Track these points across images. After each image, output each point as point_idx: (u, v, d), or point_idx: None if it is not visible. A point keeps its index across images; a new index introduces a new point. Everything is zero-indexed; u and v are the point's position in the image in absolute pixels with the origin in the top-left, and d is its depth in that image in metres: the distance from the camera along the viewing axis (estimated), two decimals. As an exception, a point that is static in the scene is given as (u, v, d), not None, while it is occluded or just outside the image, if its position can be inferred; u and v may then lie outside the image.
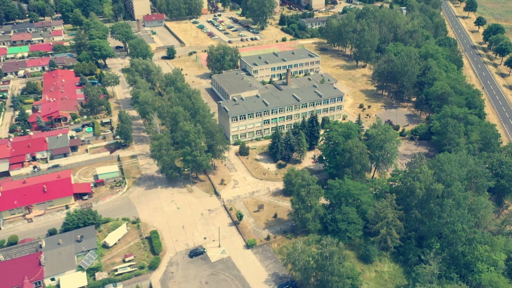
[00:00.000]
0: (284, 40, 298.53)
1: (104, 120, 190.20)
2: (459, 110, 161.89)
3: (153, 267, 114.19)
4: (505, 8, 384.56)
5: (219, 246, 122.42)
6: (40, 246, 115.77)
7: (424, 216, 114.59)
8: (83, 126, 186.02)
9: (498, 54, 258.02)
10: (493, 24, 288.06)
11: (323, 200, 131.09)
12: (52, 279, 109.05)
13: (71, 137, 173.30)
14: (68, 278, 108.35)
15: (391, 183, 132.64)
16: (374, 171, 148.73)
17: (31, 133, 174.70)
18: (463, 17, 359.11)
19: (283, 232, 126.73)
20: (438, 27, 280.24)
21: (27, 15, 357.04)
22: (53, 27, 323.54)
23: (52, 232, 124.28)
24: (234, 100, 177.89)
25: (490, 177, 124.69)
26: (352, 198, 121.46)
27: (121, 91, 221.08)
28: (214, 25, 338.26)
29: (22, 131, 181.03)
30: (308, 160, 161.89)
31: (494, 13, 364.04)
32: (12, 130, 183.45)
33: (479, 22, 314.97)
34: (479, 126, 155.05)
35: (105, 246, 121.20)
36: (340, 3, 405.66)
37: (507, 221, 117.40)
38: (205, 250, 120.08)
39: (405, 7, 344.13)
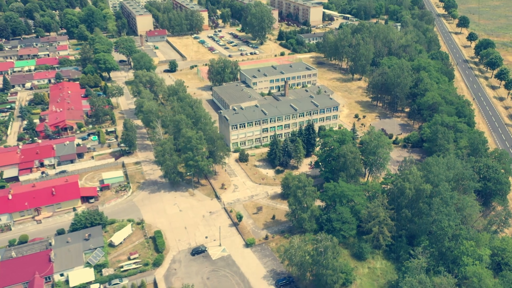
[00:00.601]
0: (282, 54, 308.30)
1: (109, 129, 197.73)
2: (449, 119, 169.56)
3: (157, 264, 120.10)
4: (496, 25, 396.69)
5: (220, 245, 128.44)
6: (50, 244, 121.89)
7: (414, 215, 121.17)
8: (88, 134, 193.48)
9: (488, 68, 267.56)
10: (484, 39, 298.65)
11: (319, 203, 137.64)
12: (61, 275, 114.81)
13: (78, 144, 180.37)
14: (76, 274, 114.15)
15: (383, 186, 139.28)
16: (368, 176, 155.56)
17: (39, 141, 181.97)
18: (456, 33, 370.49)
19: (280, 232, 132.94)
20: (431, 42, 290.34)
21: (33, 31, 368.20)
22: (59, 42, 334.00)
23: (60, 232, 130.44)
24: (234, 109, 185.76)
25: (477, 179, 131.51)
26: (346, 199, 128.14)
27: (125, 102, 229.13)
28: (214, 40, 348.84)
29: (30, 139, 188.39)
30: (305, 166, 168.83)
31: (486, 29, 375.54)
32: (20, 138, 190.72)
33: (471, 37, 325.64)
34: (468, 133, 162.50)
35: (111, 245, 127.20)
36: (337, 19, 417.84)
37: (492, 221, 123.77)
38: (206, 249, 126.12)
39: (399, 23, 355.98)
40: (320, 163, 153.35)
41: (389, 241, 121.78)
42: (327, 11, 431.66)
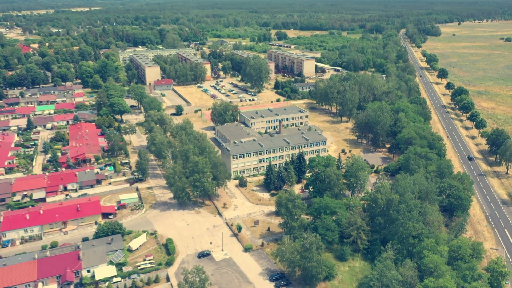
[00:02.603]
0: (278, 101, 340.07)
1: (123, 161, 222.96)
2: (421, 150, 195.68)
3: (168, 264, 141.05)
4: (474, 76, 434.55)
5: (222, 250, 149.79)
6: (78, 247, 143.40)
7: (386, 222, 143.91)
8: (105, 165, 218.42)
9: (462, 111, 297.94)
10: (459, 87, 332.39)
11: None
12: (88, 271, 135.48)
13: (96, 173, 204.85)
14: (101, 270, 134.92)
15: (362, 202, 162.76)
16: (350, 197, 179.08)
17: (63, 169, 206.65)
18: (436, 83, 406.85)
19: (274, 240, 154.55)
20: (411, 89, 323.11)
21: (50, 80, 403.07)
22: (74, 90, 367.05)
23: (85, 239, 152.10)
24: (234, 143, 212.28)
25: (437, 194, 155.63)
26: (329, 210, 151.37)
27: (136, 139, 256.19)
28: (216, 89, 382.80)
29: (54, 169, 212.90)
30: (296, 190, 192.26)
31: (464, 80, 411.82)
32: (44, 169, 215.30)
33: (449, 86, 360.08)
34: (436, 161, 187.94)
35: (129, 250, 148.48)
36: (328, 71, 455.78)
37: (452, 228, 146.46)
38: (211, 252, 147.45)
39: (385, 75, 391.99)
40: (309, 185, 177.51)
41: (366, 244, 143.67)
42: (320, 64, 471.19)
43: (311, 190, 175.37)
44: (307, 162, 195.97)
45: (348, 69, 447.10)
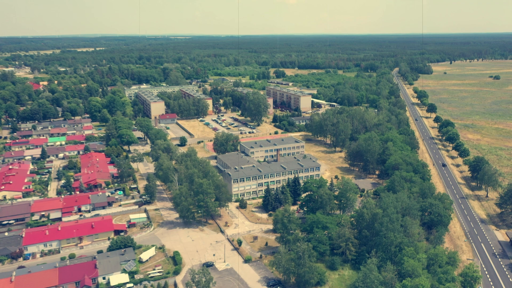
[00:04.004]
0: (276, 133, 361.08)
1: (132, 186, 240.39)
2: (406, 174, 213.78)
3: (176, 272, 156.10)
4: (462, 111, 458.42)
5: (224, 261, 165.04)
6: (94, 257, 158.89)
7: (371, 234, 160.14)
8: (115, 190, 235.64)
9: (448, 142, 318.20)
10: (446, 120, 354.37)
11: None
12: (104, 278, 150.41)
13: (108, 196, 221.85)
14: (115, 277, 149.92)
15: (351, 219, 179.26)
16: (341, 214, 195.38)
17: (77, 192, 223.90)
18: (426, 117, 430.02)
19: (271, 253, 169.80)
20: (401, 122, 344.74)
21: (60, 115, 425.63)
22: (83, 124, 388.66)
23: (100, 252, 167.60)
24: (235, 168, 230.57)
25: (420, 211, 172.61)
26: (321, 225, 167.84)
27: (143, 167, 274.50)
28: (218, 122, 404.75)
29: (68, 193, 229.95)
30: (292, 211, 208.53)
31: (452, 114, 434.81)
32: (59, 193, 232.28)
33: (437, 120, 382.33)
34: (420, 184, 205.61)
35: (140, 261, 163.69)
36: (324, 107, 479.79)
37: (433, 241, 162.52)
38: (214, 263, 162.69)
39: (376, 109, 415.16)
40: (303, 205, 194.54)
41: (354, 255, 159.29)
42: (316, 100, 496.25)
43: (305, 209, 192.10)
44: (302, 186, 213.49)
45: (343, 104, 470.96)
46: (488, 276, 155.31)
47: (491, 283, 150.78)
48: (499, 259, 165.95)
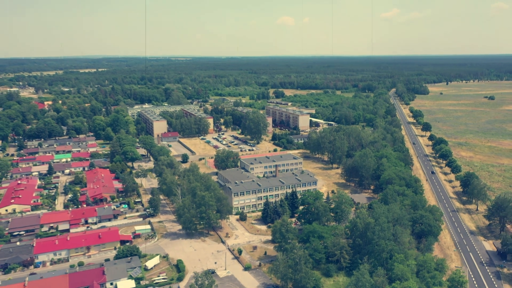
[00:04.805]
0: (275, 150, 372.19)
1: (136, 200, 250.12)
2: (399, 188, 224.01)
3: (179, 279, 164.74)
4: (456, 130, 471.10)
5: (225, 269, 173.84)
6: (102, 265, 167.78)
7: (364, 243, 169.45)
8: (120, 203, 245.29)
9: (442, 159, 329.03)
10: (439, 138, 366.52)
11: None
12: (111, 283, 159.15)
13: (113, 209, 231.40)
14: (122, 283, 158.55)
15: (346, 230, 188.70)
16: (337, 226, 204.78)
17: (84, 205, 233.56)
18: (421, 136, 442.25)
19: (270, 261, 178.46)
20: (396, 140, 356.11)
21: (65, 133, 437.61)
22: (88, 142, 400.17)
23: (107, 260, 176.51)
24: (236, 183, 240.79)
25: (412, 222, 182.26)
26: (317, 234, 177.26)
27: (146, 183, 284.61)
28: (218, 140, 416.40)
29: (75, 206, 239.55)
30: (290, 222, 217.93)
31: (447, 133, 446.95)
32: (66, 206, 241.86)
33: (431, 138, 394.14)
34: (412, 197, 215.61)
35: (145, 269, 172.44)
36: (322, 126, 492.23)
37: (422, 249, 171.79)
38: (215, 270, 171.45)
39: (373, 128, 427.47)
40: (301, 217, 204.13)
41: (348, 262, 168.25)
42: (314, 119, 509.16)
43: (303, 221, 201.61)
44: (300, 199, 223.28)
45: (340, 123, 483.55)
46: (475, 282, 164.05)
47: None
48: (486, 267, 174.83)
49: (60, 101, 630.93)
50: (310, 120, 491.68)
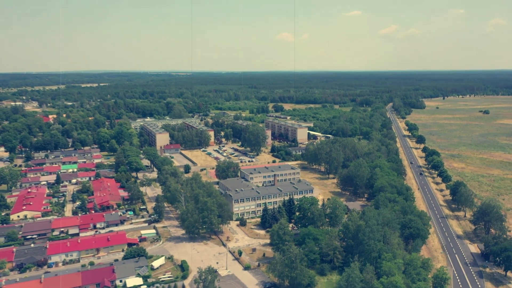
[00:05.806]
0: (274, 161, 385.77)
1: (141, 207, 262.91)
2: (390, 195, 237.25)
3: (184, 277, 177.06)
4: (449, 142, 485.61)
5: (226, 269, 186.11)
6: (111, 264, 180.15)
7: (356, 244, 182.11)
8: (126, 210, 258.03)
9: (434, 170, 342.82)
10: (432, 149, 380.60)
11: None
12: (120, 281, 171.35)
13: (120, 215, 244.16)
14: (131, 280, 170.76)
15: (339, 233, 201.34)
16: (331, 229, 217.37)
17: (92, 212, 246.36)
18: (416, 148, 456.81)
19: (268, 262, 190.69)
20: (390, 152, 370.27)
21: (70, 145, 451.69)
22: (92, 153, 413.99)
23: (116, 260, 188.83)
24: (236, 190, 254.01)
25: (401, 226, 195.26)
26: (312, 236, 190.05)
27: (151, 191, 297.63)
28: (219, 152, 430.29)
29: (84, 213, 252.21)
30: (287, 225, 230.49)
31: (440, 146, 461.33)
32: (74, 213, 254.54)
33: (425, 150, 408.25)
34: (402, 203, 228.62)
35: (151, 268, 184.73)
36: (319, 138, 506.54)
37: (410, 250, 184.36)
38: (217, 270, 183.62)
39: (368, 141, 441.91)
40: (297, 222, 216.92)
41: (341, 262, 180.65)
42: (312, 132, 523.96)
43: (299, 225, 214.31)
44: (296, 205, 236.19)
45: (337, 136, 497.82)
46: (459, 281, 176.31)
47: (461, 286, 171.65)
48: (470, 267, 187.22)
49: (64, 115, 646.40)
50: (308, 133, 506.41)
